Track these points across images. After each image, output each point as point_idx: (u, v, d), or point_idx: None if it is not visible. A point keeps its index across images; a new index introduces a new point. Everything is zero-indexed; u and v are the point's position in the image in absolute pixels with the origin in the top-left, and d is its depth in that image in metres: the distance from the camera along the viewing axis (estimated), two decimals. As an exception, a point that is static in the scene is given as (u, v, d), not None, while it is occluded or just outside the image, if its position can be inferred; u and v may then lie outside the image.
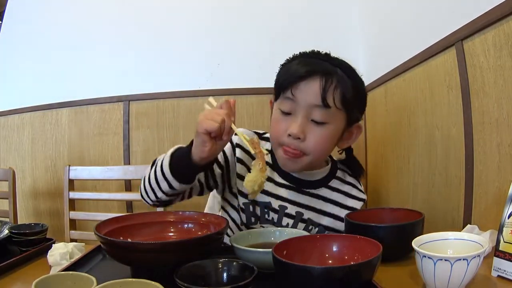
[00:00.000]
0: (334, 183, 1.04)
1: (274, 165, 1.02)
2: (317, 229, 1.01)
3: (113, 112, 2.09)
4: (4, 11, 2.36)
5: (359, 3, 1.92)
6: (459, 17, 1.07)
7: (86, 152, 2.12)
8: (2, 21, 2.38)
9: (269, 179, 1.00)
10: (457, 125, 1.12)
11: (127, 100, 2.07)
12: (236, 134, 0.85)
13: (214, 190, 1.34)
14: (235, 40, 2.01)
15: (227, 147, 1.02)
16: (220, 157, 1.00)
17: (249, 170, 0.97)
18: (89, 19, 2.15)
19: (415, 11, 1.39)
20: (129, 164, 2.04)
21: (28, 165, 2.22)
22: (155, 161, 0.95)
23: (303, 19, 1.97)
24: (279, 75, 0.96)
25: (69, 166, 1.82)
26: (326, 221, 1.02)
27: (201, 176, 0.98)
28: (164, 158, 0.90)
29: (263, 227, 0.99)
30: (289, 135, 0.90)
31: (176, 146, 0.92)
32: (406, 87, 1.45)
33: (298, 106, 0.90)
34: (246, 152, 1.01)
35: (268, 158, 0.98)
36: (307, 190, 1.01)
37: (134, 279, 0.57)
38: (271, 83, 1.00)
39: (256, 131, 1.08)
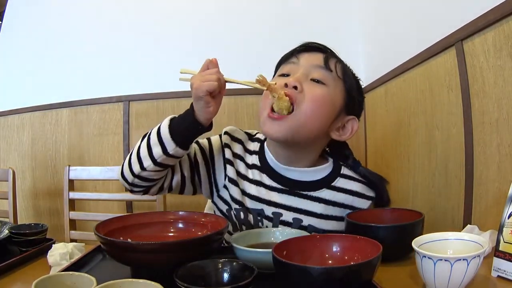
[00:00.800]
0: (340, 182, 0.94)
1: (262, 167, 0.93)
2: None
3: (113, 112, 2.09)
4: (4, 11, 2.36)
5: (359, 3, 1.92)
6: (459, 17, 1.07)
7: (86, 152, 2.12)
8: (2, 21, 2.38)
9: (259, 183, 0.92)
10: (457, 125, 1.12)
11: (127, 100, 2.07)
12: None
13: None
14: (235, 40, 2.01)
15: (216, 146, 0.96)
16: (207, 154, 0.95)
17: (238, 174, 0.93)
18: (89, 19, 2.16)
19: (415, 11, 1.39)
20: (129, 164, 2.03)
21: (28, 165, 2.22)
22: (146, 134, 0.91)
23: (303, 20, 1.97)
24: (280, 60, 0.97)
25: (69, 166, 1.82)
26: (330, 225, 0.91)
27: (185, 167, 0.93)
28: (162, 123, 0.88)
29: None
30: (286, 85, 0.85)
31: (170, 116, 0.91)
32: (406, 87, 1.45)
33: (298, 66, 0.90)
34: (235, 153, 0.96)
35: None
36: (305, 193, 0.91)
37: (134, 279, 0.57)
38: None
39: (247, 131, 1.02)
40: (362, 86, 1.00)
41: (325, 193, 0.92)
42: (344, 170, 0.96)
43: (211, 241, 0.73)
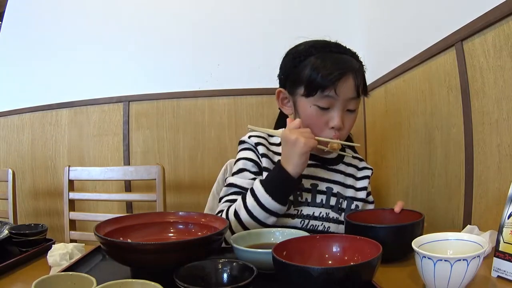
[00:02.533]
0: (347, 159, 1.14)
1: None
2: (345, 201, 1.08)
3: (113, 113, 2.09)
4: (4, 11, 2.36)
5: (359, 4, 1.92)
6: (459, 17, 1.07)
7: (86, 152, 2.12)
8: (2, 21, 2.38)
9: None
10: (457, 125, 1.12)
11: (127, 100, 2.07)
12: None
13: (214, 190, 1.34)
14: (235, 40, 2.01)
15: (251, 153, 1.07)
16: (251, 166, 1.05)
17: (273, 162, 1.04)
18: (89, 20, 2.16)
19: (415, 12, 1.39)
20: (129, 164, 2.04)
21: (28, 166, 2.22)
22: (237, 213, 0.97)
23: (303, 20, 1.97)
24: (307, 73, 1.00)
25: (69, 166, 1.82)
26: (350, 192, 1.10)
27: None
28: (258, 196, 0.94)
29: (297, 210, 1.03)
30: (333, 127, 1.00)
31: (258, 188, 0.96)
32: (406, 87, 1.45)
33: (337, 101, 0.99)
34: (266, 146, 1.07)
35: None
36: (331, 167, 1.10)
37: (134, 280, 0.57)
38: (271, 84, 1.00)
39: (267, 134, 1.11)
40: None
41: (341, 167, 1.12)
42: (347, 150, 1.15)
43: (211, 242, 0.73)
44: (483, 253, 0.64)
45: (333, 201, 1.06)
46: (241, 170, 1.05)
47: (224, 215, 0.97)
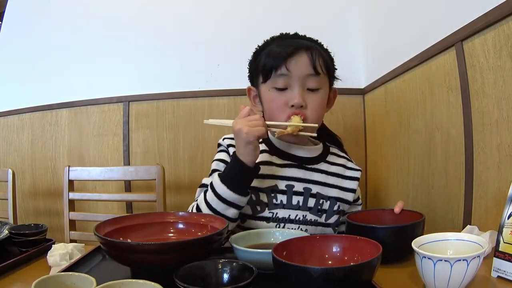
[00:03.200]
0: (331, 157, 1.11)
1: (271, 150, 1.07)
2: (328, 202, 1.04)
3: (113, 113, 2.09)
4: (4, 11, 2.36)
5: (359, 4, 1.92)
6: (459, 17, 1.07)
7: (86, 152, 2.12)
8: (2, 21, 2.38)
9: (270, 163, 1.04)
10: (457, 125, 1.12)
11: (127, 100, 2.07)
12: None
13: None
14: (235, 40, 2.01)
15: (224, 155, 1.07)
16: (223, 167, 1.04)
17: None
18: (89, 20, 2.16)
19: (415, 12, 1.39)
20: (129, 165, 2.04)
21: (28, 166, 2.22)
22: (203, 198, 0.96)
23: (302, 20, 1.97)
24: (262, 60, 1.02)
25: (69, 166, 1.82)
26: (333, 192, 1.06)
27: None
28: (216, 187, 0.93)
29: (272, 213, 1.00)
30: (292, 105, 0.98)
31: (212, 178, 0.97)
32: (406, 88, 1.45)
33: (292, 79, 0.98)
34: None
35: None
36: (310, 166, 1.06)
37: (134, 280, 0.57)
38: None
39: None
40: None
41: (323, 166, 1.08)
42: (332, 149, 1.15)
43: (210, 242, 0.73)
44: (483, 253, 0.64)
45: (311, 202, 1.02)
46: (213, 171, 1.04)
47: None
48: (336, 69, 1.09)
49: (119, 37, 2.11)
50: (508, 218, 0.71)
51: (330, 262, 0.73)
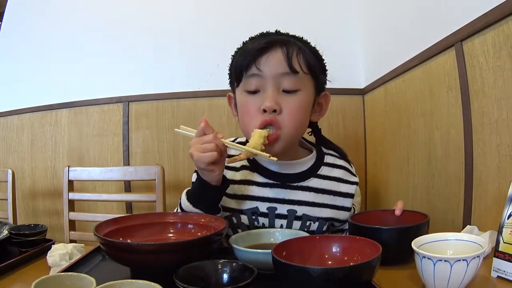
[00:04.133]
0: (324, 170, 0.97)
1: (252, 166, 0.96)
2: (317, 223, 0.94)
3: (112, 113, 2.09)
4: (4, 11, 2.36)
5: (359, 4, 1.92)
6: (458, 18, 1.07)
7: (86, 153, 2.12)
8: (1, 21, 2.38)
9: (250, 182, 0.94)
10: (456, 126, 1.12)
11: (126, 101, 2.07)
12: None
13: None
14: (235, 41, 2.01)
15: None
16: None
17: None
18: (89, 20, 2.16)
19: (414, 12, 1.39)
20: (129, 165, 2.04)
21: (28, 166, 2.22)
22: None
23: (302, 20, 1.97)
24: (235, 59, 0.93)
25: (69, 167, 1.82)
26: (324, 212, 0.95)
27: None
28: (181, 201, 0.91)
29: None
30: (264, 110, 0.85)
31: (185, 190, 0.93)
32: (405, 88, 1.45)
33: (265, 79, 0.86)
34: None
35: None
36: (295, 184, 0.94)
37: (133, 280, 0.57)
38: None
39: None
40: (323, 57, 0.98)
41: (313, 182, 0.95)
42: (327, 159, 1.01)
43: (210, 242, 0.73)
44: (482, 253, 0.64)
45: (296, 225, 0.93)
46: (192, 183, 0.95)
47: None
48: (326, 69, 0.97)
49: (119, 37, 2.11)
50: (507, 218, 0.71)
51: (330, 262, 0.73)
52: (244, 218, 0.94)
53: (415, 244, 0.69)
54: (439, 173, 1.22)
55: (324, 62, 0.98)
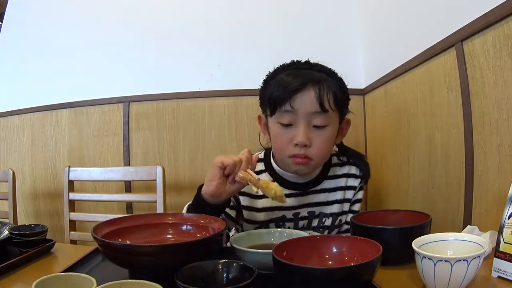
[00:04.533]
0: (333, 170, 1.09)
1: (275, 180, 1.03)
2: (330, 218, 1.07)
3: (113, 114, 2.09)
4: (4, 12, 2.36)
5: (359, 4, 1.92)
6: (459, 18, 1.07)
7: (86, 153, 2.12)
8: (2, 22, 2.38)
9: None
10: (457, 126, 1.12)
11: (127, 101, 2.07)
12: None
13: None
14: (235, 41, 2.01)
15: None
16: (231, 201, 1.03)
17: (250, 196, 1.05)
18: (89, 20, 2.16)
19: (414, 12, 1.39)
20: (129, 165, 2.04)
21: (28, 166, 2.22)
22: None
23: (302, 20, 1.97)
24: (270, 90, 0.99)
25: (69, 167, 1.82)
26: (334, 208, 1.07)
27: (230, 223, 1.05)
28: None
29: None
30: (296, 144, 0.95)
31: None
32: (406, 88, 1.45)
33: (298, 116, 0.95)
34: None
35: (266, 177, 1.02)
36: (311, 189, 1.06)
37: (134, 280, 0.57)
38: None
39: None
40: (347, 85, 1.05)
41: (325, 184, 1.08)
42: (333, 160, 1.12)
43: (210, 243, 0.73)
44: (483, 254, 0.64)
45: (315, 222, 1.07)
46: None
47: None
48: (349, 99, 1.06)
49: (120, 38, 2.11)
50: (508, 218, 0.71)
51: (330, 262, 0.73)
52: (272, 225, 1.05)
53: (416, 244, 0.69)
54: (440, 173, 1.22)
55: (347, 90, 1.05)
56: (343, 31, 1.95)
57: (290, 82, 0.94)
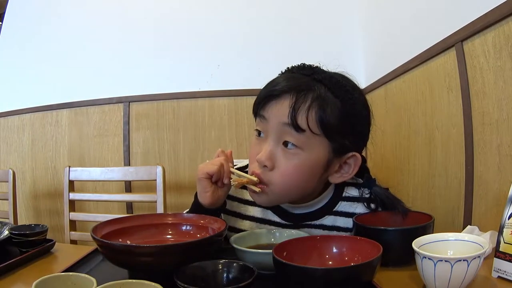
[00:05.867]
0: (342, 206, 0.89)
1: (269, 207, 0.91)
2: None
3: (113, 113, 2.09)
4: (4, 12, 2.36)
5: (359, 5, 1.92)
6: (459, 18, 1.07)
7: (86, 153, 2.12)
8: (2, 22, 2.38)
9: (265, 221, 0.91)
10: (457, 126, 1.12)
11: (127, 101, 2.07)
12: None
13: None
14: (235, 41, 2.01)
15: None
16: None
17: (235, 215, 0.94)
18: (89, 20, 2.16)
19: (415, 12, 1.39)
20: (129, 165, 2.04)
21: (28, 166, 2.22)
22: None
23: (303, 20, 1.97)
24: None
25: (69, 167, 1.82)
26: None
27: None
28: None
29: None
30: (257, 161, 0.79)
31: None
32: (406, 88, 1.45)
33: (269, 126, 0.79)
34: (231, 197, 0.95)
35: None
36: (308, 223, 0.88)
37: (134, 280, 0.57)
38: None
39: (239, 166, 0.96)
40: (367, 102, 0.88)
41: (327, 220, 0.88)
42: (347, 191, 0.90)
43: (210, 243, 0.73)
44: (483, 254, 0.64)
45: None
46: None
47: None
48: (363, 131, 0.87)
49: (120, 38, 2.11)
50: (508, 219, 0.71)
51: (330, 262, 0.73)
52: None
53: (416, 244, 0.68)
54: (440, 173, 1.22)
55: (364, 117, 0.87)
56: (343, 31, 1.95)
57: (275, 85, 0.79)
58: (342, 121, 0.78)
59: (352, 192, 0.91)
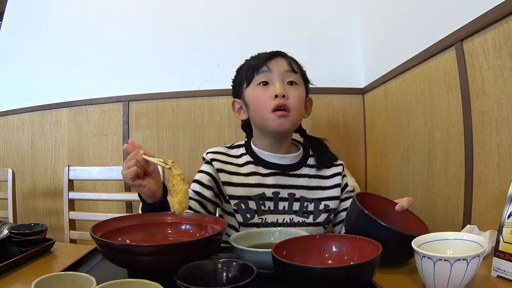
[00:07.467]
0: (311, 160, 1.16)
1: (255, 161, 1.13)
2: (312, 203, 1.11)
3: (112, 113, 2.09)
4: (4, 11, 2.36)
5: (359, 4, 1.92)
6: (458, 17, 1.07)
7: (86, 152, 2.12)
8: (1, 21, 2.38)
9: (256, 174, 1.11)
10: (456, 125, 1.12)
11: (126, 100, 2.07)
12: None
13: None
14: (235, 40, 2.01)
15: (208, 167, 1.11)
16: (206, 179, 1.09)
17: (231, 174, 1.10)
18: (88, 20, 2.15)
19: (414, 12, 1.39)
20: (129, 164, 2.03)
21: (28, 166, 2.22)
22: None
23: (303, 20, 1.97)
24: (244, 69, 1.14)
25: (69, 166, 1.82)
26: (317, 194, 1.12)
27: (208, 205, 1.08)
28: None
29: (262, 219, 1.07)
30: (276, 96, 1.05)
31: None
32: (405, 87, 1.45)
33: (273, 74, 1.09)
34: (222, 161, 1.12)
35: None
36: (292, 173, 1.13)
37: (133, 279, 0.57)
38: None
39: (225, 145, 1.20)
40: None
41: (305, 170, 1.14)
42: (311, 151, 1.19)
43: (210, 243, 0.73)
44: (483, 253, 0.64)
45: (296, 206, 1.10)
46: (194, 181, 1.09)
47: None
48: (309, 81, 1.17)
49: (119, 37, 2.11)
50: (508, 218, 0.71)
51: (330, 261, 0.73)
52: (252, 204, 1.08)
53: (415, 243, 0.69)
54: (439, 172, 1.22)
55: (306, 75, 1.18)
56: (343, 31, 1.95)
57: (261, 55, 1.12)
58: (304, 71, 1.16)
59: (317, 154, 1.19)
